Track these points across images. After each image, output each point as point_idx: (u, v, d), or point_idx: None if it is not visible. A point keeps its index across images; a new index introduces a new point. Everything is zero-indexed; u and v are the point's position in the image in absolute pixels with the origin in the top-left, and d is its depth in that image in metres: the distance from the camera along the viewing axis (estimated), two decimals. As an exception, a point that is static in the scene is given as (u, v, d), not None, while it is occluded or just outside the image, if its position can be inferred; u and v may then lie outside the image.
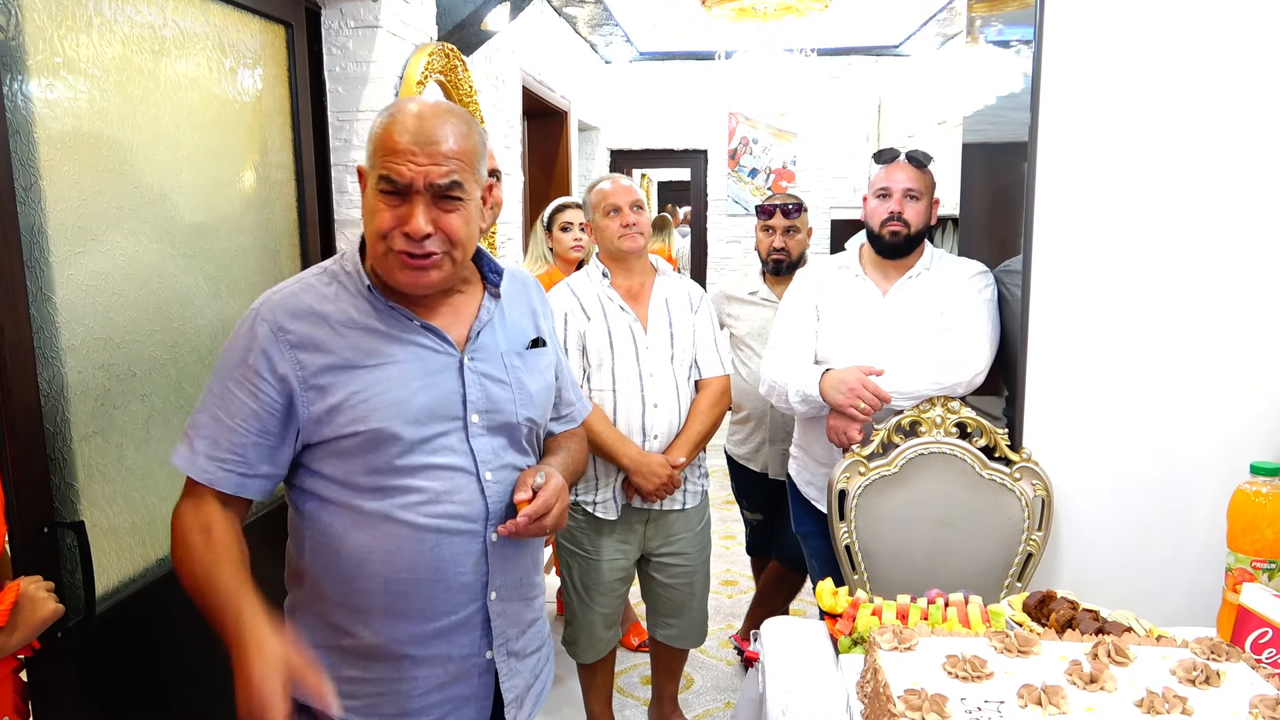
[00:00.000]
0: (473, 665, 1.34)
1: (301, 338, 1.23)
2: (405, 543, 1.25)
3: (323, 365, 1.23)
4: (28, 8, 1.47)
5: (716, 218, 6.75)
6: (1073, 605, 1.52)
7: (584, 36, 5.74)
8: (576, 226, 3.27)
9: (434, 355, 1.29)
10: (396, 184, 1.20)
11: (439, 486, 1.26)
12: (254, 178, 2.17)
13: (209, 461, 1.22)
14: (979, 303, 2.20)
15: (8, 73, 1.42)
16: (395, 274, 1.25)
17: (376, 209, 1.22)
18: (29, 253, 1.46)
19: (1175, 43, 1.93)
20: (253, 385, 1.22)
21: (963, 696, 1.11)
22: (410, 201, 1.21)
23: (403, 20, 2.62)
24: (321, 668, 1.14)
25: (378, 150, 1.22)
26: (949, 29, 5.60)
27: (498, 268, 1.39)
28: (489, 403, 1.32)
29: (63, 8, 1.55)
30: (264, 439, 1.23)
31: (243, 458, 1.23)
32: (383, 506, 1.25)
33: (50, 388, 1.51)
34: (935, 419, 2.11)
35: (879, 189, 2.25)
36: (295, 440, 1.25)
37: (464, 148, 1.23)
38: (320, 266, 1.34)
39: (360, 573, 1.26)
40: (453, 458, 1.28)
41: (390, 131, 1.21)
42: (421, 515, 1.26)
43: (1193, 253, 1.97)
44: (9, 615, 1.30)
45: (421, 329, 1.29)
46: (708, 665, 3.19)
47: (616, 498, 2.39)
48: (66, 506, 1.54)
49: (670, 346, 2.39)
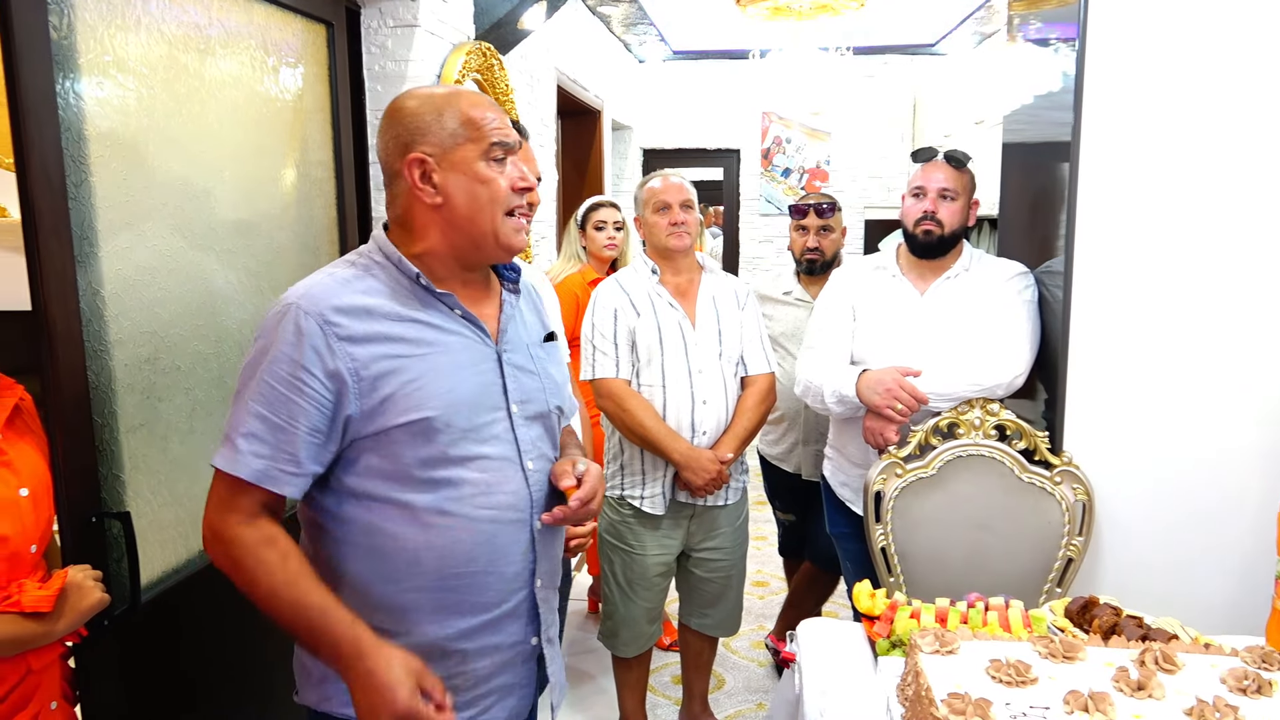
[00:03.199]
0: (518, 653, 1.35)
1: (350, 330, 1.20)
2: (463, 535, 1.25)
3: (374, 356, 1.20)
4: (79, 7, 1.49)
5: (749, 217, 6.73)
6: (1116, 611, 1.50)
7: (618, 35, 5.75)
8: (610, 225, 3.27)
9: (476, 346, 1.30)
10: (507, 145, 1.26)
11: (489, 477, 1.27)
12: (294, 175, 2.19)
13: (257, 459, 1.18)
14: (1019, 304, 2.17)
15: (61, 71, 1.44)
16: (512, 237, 1.28)
17: (490, 178, 1.26)
18: (79, 248, 1.48)
19: (1220, 41, 1.90)
20: (301, 381, 1.18)
21: (1007, 701, 1.10)
22: (517, 164, 1.28)
23: (440, 19, 2.64)
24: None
25: (471, 126, 1.25)
26: (986, 27, 5.54)
27: (514, 264, 1.41)
28: (523, 393, 1.34)
29: (112, 7, 1.57)
30: (314, 436, 1.20)
31: (293, 456, 1.19)
32: (436, 500, 1.24)
33: (98, 380, 1.53)
34: (974, 421, 2.09)
35: (914, 188, 2.23)
36: (343, 437, 1.22)
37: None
38: (345, 261, 1.30)
39: (413, 571, 1.24)
40: (500, 447, 1.29)
41: (470, 108, 1.26)
42: (476, 507, 1.26)
43: (1237, 254, 1.93)
44: (56, 602, 1.33)
45: (462, 319, 1.30)
46: (739, 666, 3.18)
47: (665, 493, 2.40)
48: (113, 497, 1.56)
49: (718, 343, 2.40)
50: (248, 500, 1.20)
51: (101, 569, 1.45)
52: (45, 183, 1.40)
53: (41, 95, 1.40)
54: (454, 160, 1.25)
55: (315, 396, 1.18)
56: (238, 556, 1.19)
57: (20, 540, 1.32)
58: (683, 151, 6.70)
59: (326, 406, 1.19)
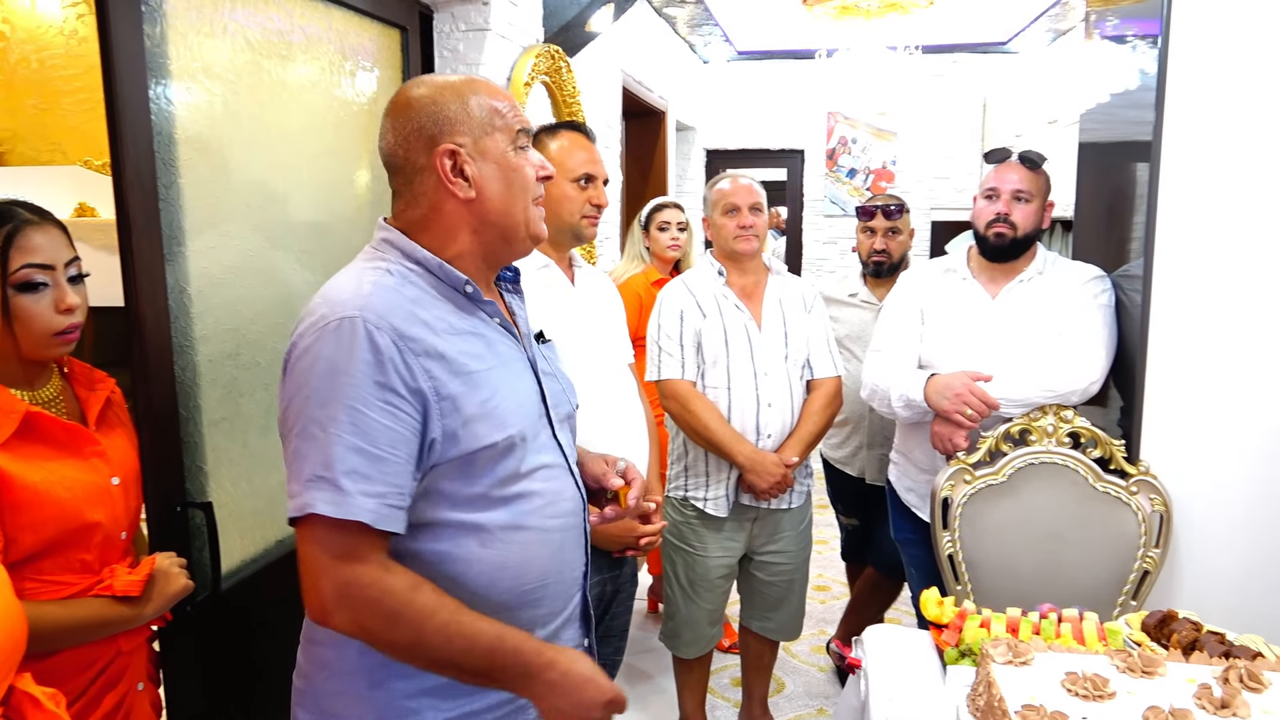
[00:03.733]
0: None
1: (423, 346, 1.09)
2: (539, 549, 1.20)
3: (449, 373, 1.11)
4: (171, 15, 1.55)
5: (813, 219, 6.67)
6: (1196, 627, 1.45)
7: (683, 36, 5.75)
8: (674, 226, 3.28)
9: (519, 354, 1.25)
10: (530, 131, 1.22)
11: (553, 486, 1.23)
12: (368, 177, 2.25)
13: (368, 499, 1.04)
14: (1095, 308, 2.11)
15: (153, 77, 1.50)
16: (537, 225, 1.23)
17: (519, 165, 1.20)
18: (168, 247, 1.55)
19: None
20: (392, 405, 1.06)
21: (1083, 715, 1.08)
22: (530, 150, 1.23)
23: (510, 22, 2.67)
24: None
25: (494, 112, 1.18)
26: (1062, 24, 5.41)
27: (512, 265, 1.32)
28: (554, 397, 1.30)
29: (201, 15, 1.63)
30: (410, 464, 1.08)
31: (400, 489, 1.07)
32: (510, 516, 1.17)
33: (184, 375, 1.59)
34: (1046, 428, 2.04)
35: (987, 189, 2.19)
36: (423, 464, 1.11)
37: None
38: (375, 267, 1.16)
39: (489, 594, 1.16)
40: (554, 455, 1.25)
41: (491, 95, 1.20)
42: (545, 517, 1.21)
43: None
44: (144, 587, 1.39)
45: (500, 327, 1.23)
46: (799, 670, 3.16)
47: (728, 495, 2.40)
48: (196, 487, 1.63)
49: (784, 346, 2.39)
50: (371, 545, 1.06)
51: (185, 557, 1.51)
52: (138, 185, 1.47)
53: (136, 101, 1.46)
54: (484, 149, 1.17)
55: (406, 419, 1.07)
56: (395, 608, 1.05)
57: (112, 527, 1.38)
58: (746, 152, 6.67)
59: (417, 431, 1.08)
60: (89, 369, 1.48)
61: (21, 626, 0.97)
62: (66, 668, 1.30)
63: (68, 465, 1.33)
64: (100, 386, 1.47)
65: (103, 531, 1.36)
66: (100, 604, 1.34)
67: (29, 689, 0.94)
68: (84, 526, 1.32)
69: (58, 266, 1.33)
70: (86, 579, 1.34)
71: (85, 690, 1.33)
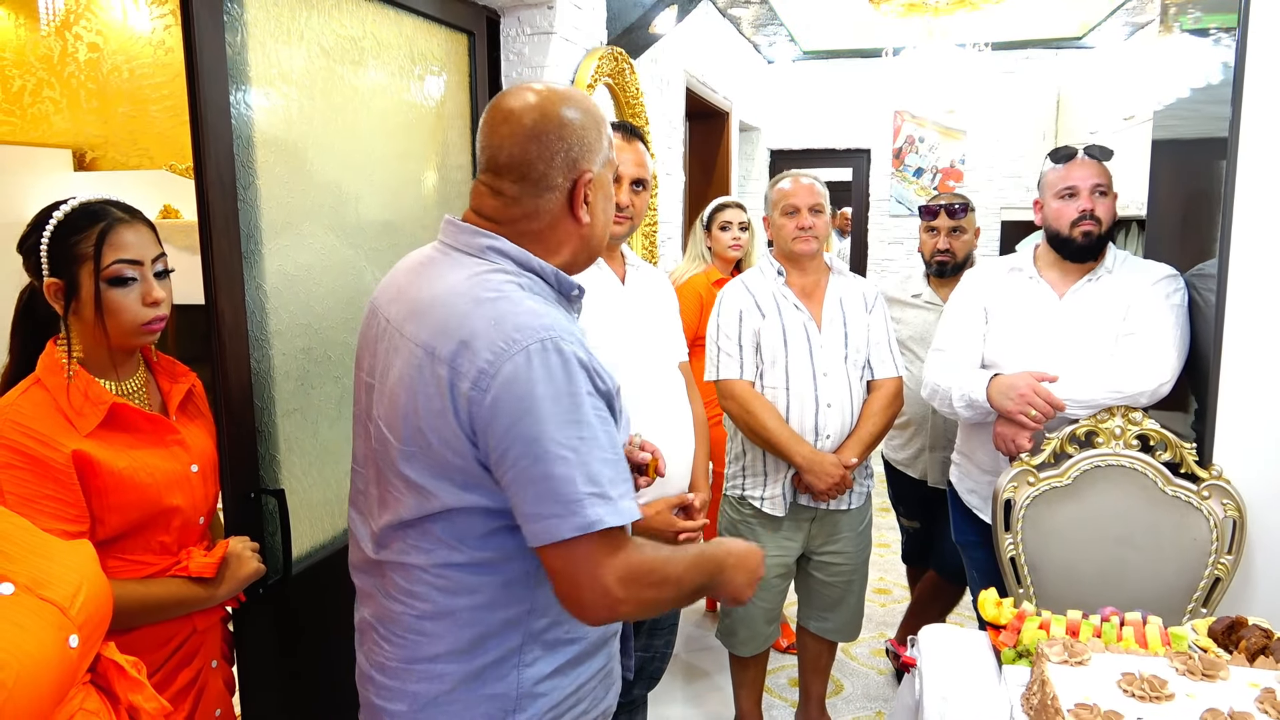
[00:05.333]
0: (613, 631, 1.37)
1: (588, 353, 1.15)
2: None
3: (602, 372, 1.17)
4: (251, 24, 1.63)
5: (878, 219, 6.60)
6: (1266, 634, 1.41)
7: (747, 37, 5.75)
8: (735, 226, 3.29)
9: None
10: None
11: None
12: (435, 178, 2.31)
13: (626, 500, 1.12)
14: (1166, 308, 2.06)
15: (234, 83, 1.58)
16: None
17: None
18: (246, 246, 1.62)
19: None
20: (602, 412, 1.13)
21: (1139, 716, 1.06)
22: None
23: (575, 26, 2.72)
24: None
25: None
26: (1139, 18, 5.25)
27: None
28: None
29: (280, 24, 1.71)
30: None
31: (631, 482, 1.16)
32: None
33: (259, 367, 1.66)
34: (1114, 430, 2.00)
35: (1064, 189, 2.13)
36: None
37: None
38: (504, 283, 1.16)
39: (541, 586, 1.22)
40: None
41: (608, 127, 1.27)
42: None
43: None
44: (219, 569, 1.46)
45: None
46: (858, 672, 3.13)
47: (786, 494, 2.40)
48: (269, 475, 1.70)
49: (844, 346, 2.38)
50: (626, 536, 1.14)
51: (259, 541, 1.58)
52: (219, 186, 1.54)
53: (218, 105, 1.53)
54: (602, 180, 1.25)
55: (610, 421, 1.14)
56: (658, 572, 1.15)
57: (191, 511, 1.45)
58: (810, 152, 6.63)
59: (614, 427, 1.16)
60: (172, 362, 1.56)
61: (108, 598, 1.03)
62: (145, 643, 1.37)
63: (150, 453, 1.40)
64: (182, 379, 1.54)
65: (181, 516, 1.43)
66: (177, 584, 1.41)
67: (114, 657, 1.00)
68: (164, 510, 1.40)
69: (146, 262, 1.40)
70: (165, 560, 1.42)
71: (162, 665, 1.41)
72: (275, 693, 1.70)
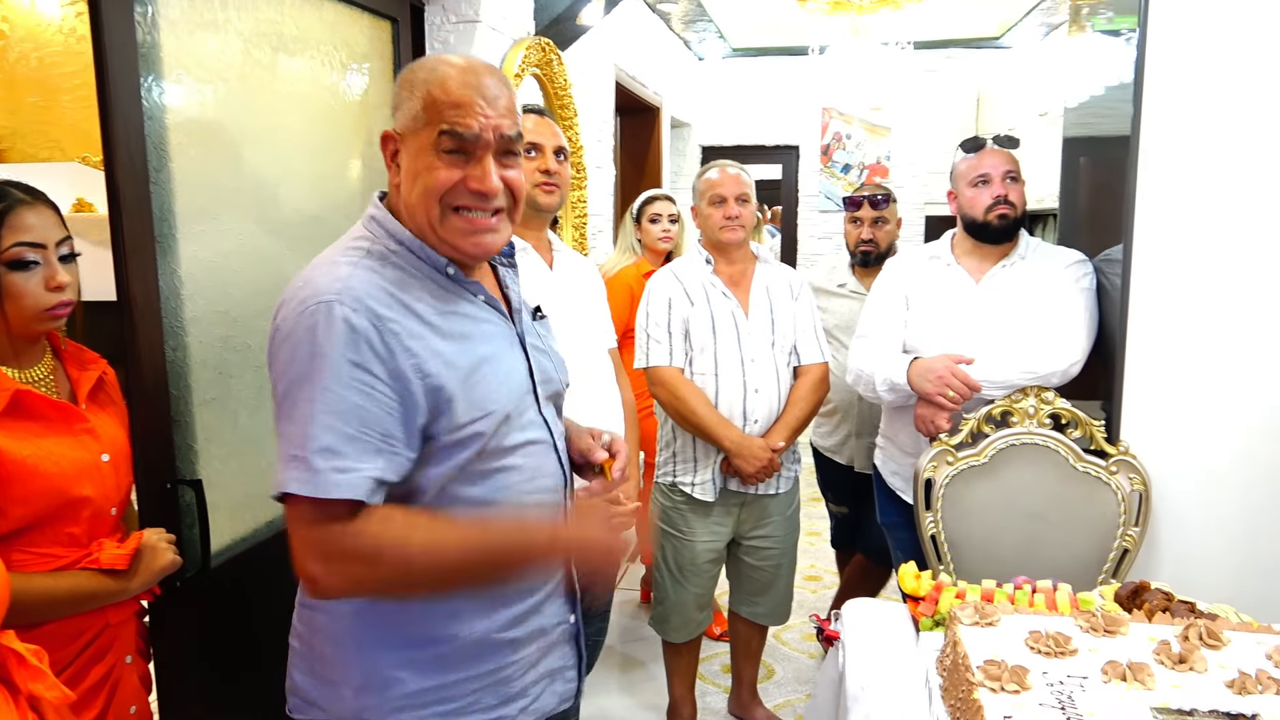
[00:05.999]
0: (560, 633, 1.32)
1: (403, 327, 1.11)
2: None
3: (431, 353, 1.12)
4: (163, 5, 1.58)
5: (808, 214, 6.70)
6: (1168, 596, 1.48)
7: (677, 33, 5.78)
8: (665, 218, 3.31)
9: (506, 331, 1.26)
10: (464, 138, 1.12)
11: (535, 462, 1.24)
12: (360, 167, 2.27)
13: (338, 474, 1.05)
14: (1076, 291, 2.14)
15: (144, 63, 1.53)
16: (458, 239, 1.16)
17: (433, 166, 1.13)
18: (159, 229, 1.57)
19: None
20: (365, 385, 1.07)
21: (1044, 670, 1.10)
22: (478, 159, 1.14)
23: (501, 15, 2.70)
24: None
25: (435, 107, 1.13)
26: (1053, 19, 5.44)
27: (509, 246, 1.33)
28: (543, 373, 1.30)
29: (194, 5, 1.66)
30: (389, 445, 1.09)
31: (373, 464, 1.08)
32: (486, 491, 1.18)
33: (175, 355, 1.62)
34: (1028, 409, 2.07)
35: (977, 177, 2.21)
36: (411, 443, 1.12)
37: (514, 101, 1.19)
38: (355, 249, 1.17)
39: None
40: (537, 431, 1.26)
41: (446, 85, 1.13)
42: (522, 493, 1.22)
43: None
44: (131, 561, 1.42)
45: (486, 304, 1.24)
46: (789, 656, 3.18)
47: (715, 480, 2.43)
48: (187, 466, 1.65)
49: (771, 333, 2.42)
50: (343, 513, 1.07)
51: (175, 534, 1.54)
52: (129, 169, 1.49)
53: (127, 88, 1.49)
54: (407, 140, 1.16)
55: (382, 399, 1.08)
56: (374, 547, 1.07)
57: (101, 502, 1.41)
58: (741, 148, 6.70)
59: (394, 409, 1.09)
60: (81, 349, 1.51)
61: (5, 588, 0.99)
62: (54, 638, 1.32)
63: (57, 441, 1.36)
64: (92, 366, 1.50)
65: (92, 506, 1.39)
66: (86, 576, 1.36)
67: (12, 645, 0.97)
68: (72, 501, 1.35)
69: (49, 245, 1.36)
70: (75, 552, 1.37)
71: (72, 661, 1.36)
72: (194, 688, 1.66)
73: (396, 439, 1.09)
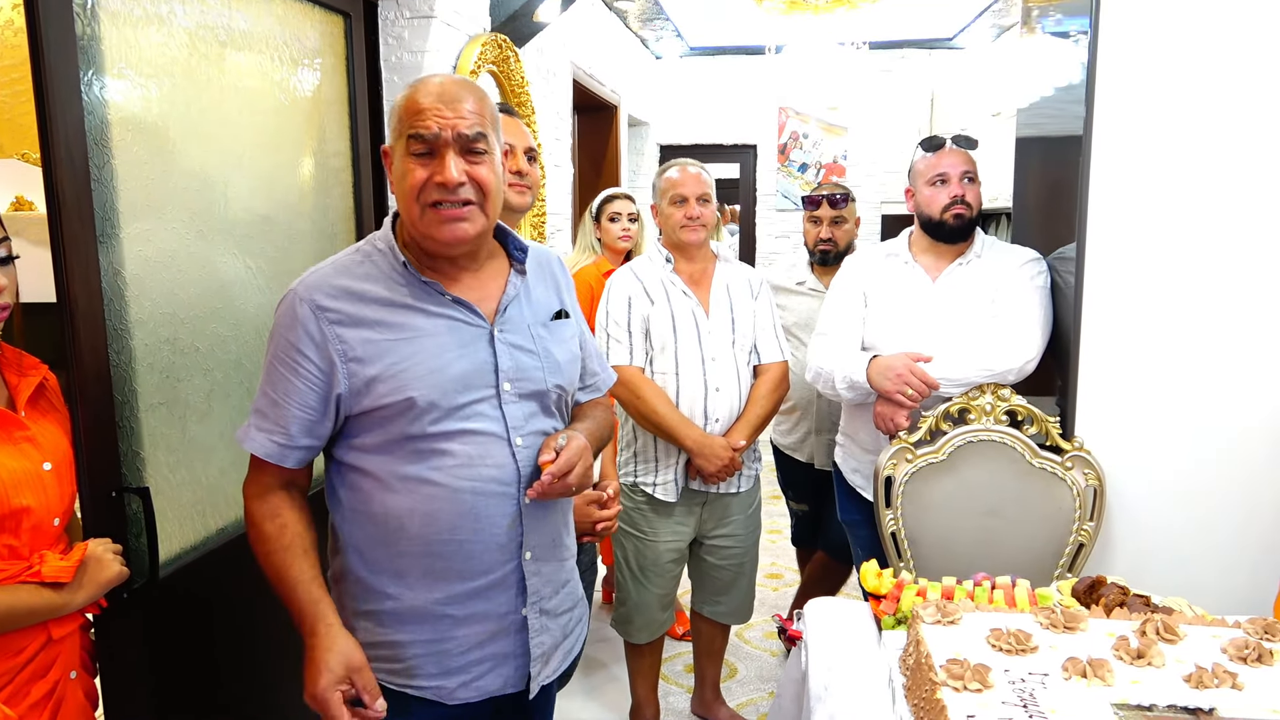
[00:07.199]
0: (510, 623, 1.38)
1: (340, 315, 1.30)
2: (444, 505, 1.31)
3: (361, 339, 1.29)
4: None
5: (766, 213, 6.73)
6: (1123, 591, 1.50)
7: (635, 31, 5.77)
8: (625, 217, 3.29)
9: (465, 327, 1.35)
10: (425, 138, 1.27)
11: (473, 450, 1.32)
12: (312, 164, 2.23)
13: (259, 433, 1.32)
14: (1031, 289, 2.17)
15: (85, 57, 1.48)
16: (434, 231, 1.30)
17: (408, 170, 1.29)
18: (101, 228, 1.52)
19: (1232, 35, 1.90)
20: (295, 362, 1.29)
21: (1006, 668, 1.11)
22: (440, 156, 1.28)
23: (456, 10, 2.67)
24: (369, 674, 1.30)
25: (403, 118, 1.30)
26: (1004, 20, 5.52)
27: (522, 244, 1.45)
28: (519, 371, 1.37)
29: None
30: (305, 412, 1.31)
31: (284, 430, 1.31)
32: (420, 470, 1.31)
33: (119, 359, 1.57)
34: (985, 406, 2.09)
35: (935, 176, 2.22)
36: (337, 414, 1.32)
37: (482, 107, 1.32)
38: (354, 246, 1.40)
39: (400, 536, 1.32)
40: (485, 423, 1.33)
41: (413, 97, 1.30)
42: (458, 478, 1.31)
43: (1247, 243, 1.93)
44: (76, 573, 1.36)
45: (453, 303, 1.35)
46: (752, 655, 3.19)
47: (678, 480, 2.42)
48: (133, 473, 1.60)
49: (731, 331, 2.42)
50: (263, 475, 1.35)
51: (122, 544, 1.49)
52: (69, 164, 1.44)
53: (66, 81, 1.43)
54: (393, 150, 1.34)
55: (307, 375, 1.30)
56: (248, 528, 1.35)
57: (43, 512, 1.35)
58: (700, 147, 6.69)
59: (318, 385, 1.30)
60: (20, 354, 1.45)
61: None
62: (-6, 654, 1.27)
63: (-5, 450, 1.30)
64: (31, 372, 1.44)
65: (33, 517, 1.33)
66: (28, 590, 1.31)
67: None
68: (13, 512, 1.30)
69: (-17, 246, 1.30)
70: (15, 565, 1.32)
71: (13, 678, 1.31)
72: (143, 703, 1.61)
73: (313, 409, 1.31)
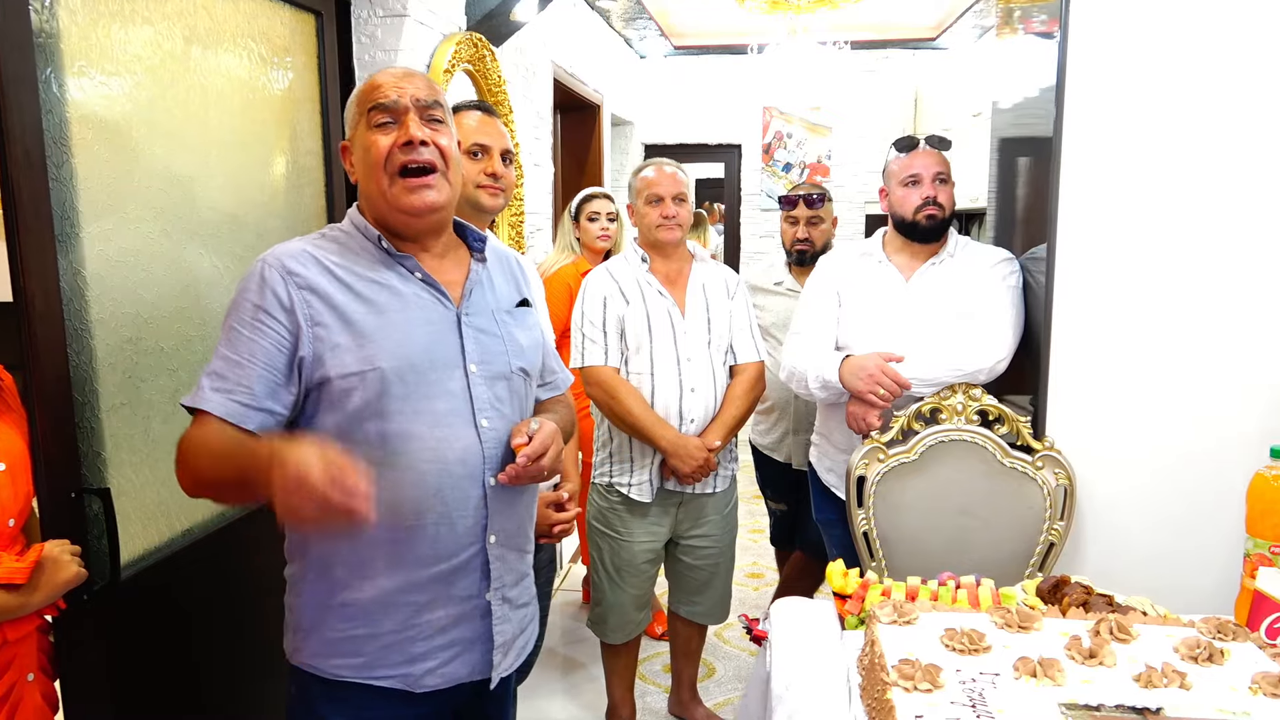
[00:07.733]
0: (473, 607, 1.38)
1: (309, 281, 1.29)
2: (409, 489, 1.30)
3: (329, 306, 1.29)
4: (62, -9, 1.51)
5: (750, 212, 6.73)
6: (1087, 590, 1.50)
7: (618, 30, 5.76)
8: (604, 216, 3.29)
9: (434, 306, 1.36)
10: (387, 105, 1.31)
11: (438, 431, 1.31)
12: (284, 163, 2.21)
13: (214, 393, 1.25)
14: (1003, 290, 2.17)
15: (42, 52, 1.46)
16: (402, 199, 1.32)
17: (371, 143, 1.32)
18: (60, 228, 1.50)
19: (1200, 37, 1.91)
20: (260, 321, 1.27)
21: (957, 668, 1.11)
22: (402, 122, 1.32)
23: (430, 9, 2.65)
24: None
25: (362, 99, 1.35)
26: (986, 21, 5.53)
27: (480, 235, 1.48)
28: (483, 354, 1.38)
29: (98, -8, 1.59)
30: (270, 373, 1.27)
31: (248, 389, 1.25)
32: (385, 454, 1.28)
33: (79, 359, 1.55)
34: (956, 406, 2.09)
35: (908, 177, 2.23)
36: (300, 381, 1.29)
37: (434, 88, 1.38)
38: (318, 232, 1.41)
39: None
40: (451, 403, 1.33)
41: (369, 80, 1.36)
42: (422, 460, 1.30)
43: (1215, 244, 1.94)
44: (32, 575, 1.35)
45: (422, 282, 1.36)
46: (730, 655, 3.19)
47: (653, 480, 2.42)
48: (94, 474, 1.58)
49: (707, 332, 2.41)
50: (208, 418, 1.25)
51: (82, 545, 1.48)
52: (24, 160, 1.42)
53: (21, 77, 1.42)
54: (353, 138, 1.36)
55: (272, 335, 1.27)
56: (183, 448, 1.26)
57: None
58: (684, 147, 6.69)
59: (283, 346, 1.27)
60: (-25, 354, 1.44)
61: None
62: (-53, 657, 1.26)
63: (-51, 451, 1.29)
64: (-13, 372, 1.43)
65: (-13, 518, 1.32)
66: (-17, 592, 1.30)
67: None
68: (-34, 513, 1.29)
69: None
70: (-31, 566, 1.30)
71: (-32, 681, 1.30)
72: (104, 706, 1.59)
73: (279, 370, 1.27)
